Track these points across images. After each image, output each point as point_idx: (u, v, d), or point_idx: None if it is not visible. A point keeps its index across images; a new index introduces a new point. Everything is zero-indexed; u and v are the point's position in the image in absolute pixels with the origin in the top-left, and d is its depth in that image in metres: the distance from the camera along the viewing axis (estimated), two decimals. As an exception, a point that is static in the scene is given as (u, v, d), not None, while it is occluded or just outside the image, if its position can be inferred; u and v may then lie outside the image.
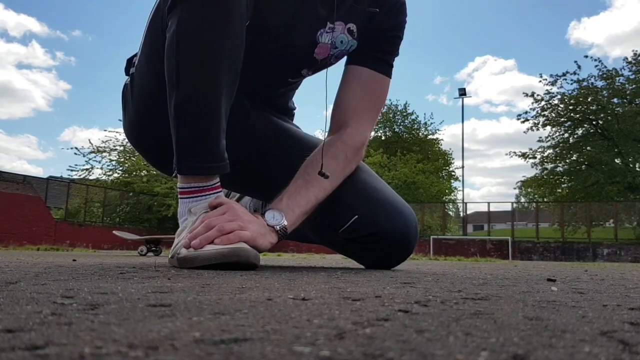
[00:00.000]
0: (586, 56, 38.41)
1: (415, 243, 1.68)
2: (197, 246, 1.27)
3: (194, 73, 1.33)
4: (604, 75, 25.31)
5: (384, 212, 1.61)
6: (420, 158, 27.43)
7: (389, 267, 1.71)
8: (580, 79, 25.61)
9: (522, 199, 31.74)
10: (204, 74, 1.32)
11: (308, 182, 1.51)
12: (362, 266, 1.80)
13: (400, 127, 30.51)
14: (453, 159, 30.92)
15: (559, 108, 26.18)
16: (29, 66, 72.26)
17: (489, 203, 23.25)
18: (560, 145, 26.61)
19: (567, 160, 26.92)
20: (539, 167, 27.03)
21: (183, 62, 1.32)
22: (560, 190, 27.42)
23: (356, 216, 1.59)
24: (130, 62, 1.68)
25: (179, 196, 1.43)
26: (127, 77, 1.68)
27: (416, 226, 1.66)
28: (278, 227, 1.42)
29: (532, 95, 26.22)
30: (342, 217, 1.59)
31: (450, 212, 27.13)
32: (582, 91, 25.46)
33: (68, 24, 75.07)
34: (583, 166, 26.26)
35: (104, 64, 69.49)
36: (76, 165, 24.05)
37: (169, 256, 1.49)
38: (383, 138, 29.98)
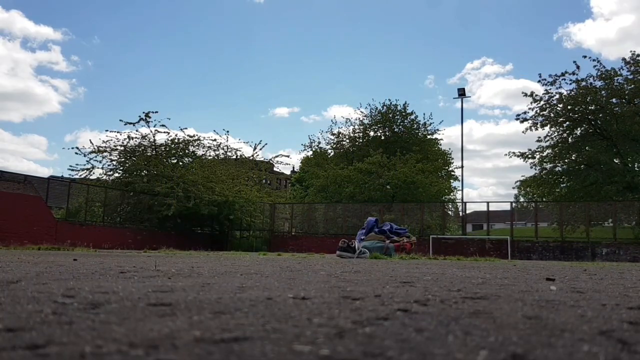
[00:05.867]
0: (585, 56, 38.29)
1: None
2: None
3: None
4: (603, 75, 25.28)
5: None
6: (419, 158, 27.39)
7: None
8: (579, 79, 25.60)
9: (521, 199, 31.68)
10: None
11: None
12: (362, 266, 1.80)
13: (400, 127, 30.43)
14: (452, 158, 30.89)
15: (558, 108, 26.16)
16: (45, 72, 72.90)
17: (488, 203, 23.28)
18: (559, 145, 26.59)
19: (566, 160, 26.91)
20: (538, 167, 27.02)
21: None
22: (559, 190, 27.40)
23: None
24: None
25: None
26: None
27: None
28: None
29: (531, 95, 26.20)
30: None
31: (450, 212, 27.11)
32: (580, 91, 25.43)
33: (87, 32, 75.73)
34: (582, 166, 26.24)
35: (118, 69, 70.06)
36: (77, 165, 24.01)
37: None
38: (382, 138, 29.89)
